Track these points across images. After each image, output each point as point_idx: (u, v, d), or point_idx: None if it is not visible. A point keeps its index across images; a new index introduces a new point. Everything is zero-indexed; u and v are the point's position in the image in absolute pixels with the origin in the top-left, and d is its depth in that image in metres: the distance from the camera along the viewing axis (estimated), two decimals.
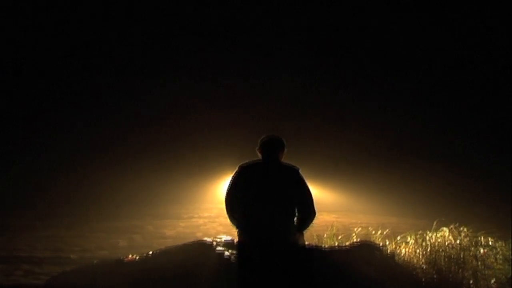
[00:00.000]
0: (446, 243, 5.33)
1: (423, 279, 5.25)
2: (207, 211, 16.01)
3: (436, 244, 5.37)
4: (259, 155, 5.29)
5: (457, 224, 5.62)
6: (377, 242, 6.15)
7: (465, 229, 5.47)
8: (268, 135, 5.31)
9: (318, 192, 19.81)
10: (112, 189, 17.47)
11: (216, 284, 4.24)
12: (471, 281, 5.20)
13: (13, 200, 15.93)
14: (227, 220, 4.87)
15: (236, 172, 5.23)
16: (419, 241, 5.52)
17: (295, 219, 5.19)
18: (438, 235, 5.49)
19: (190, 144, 19.82)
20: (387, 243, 5.94)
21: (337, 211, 16.08)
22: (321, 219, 13.19)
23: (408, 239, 5.61)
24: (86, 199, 16.56)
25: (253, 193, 5.01)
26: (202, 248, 4.94)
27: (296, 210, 5.06)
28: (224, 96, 20.61)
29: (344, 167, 19.52)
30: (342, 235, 6.84)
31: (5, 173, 17.62)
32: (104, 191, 17.35)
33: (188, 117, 20.85)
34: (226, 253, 4.78)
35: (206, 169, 18.64)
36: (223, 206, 4.83)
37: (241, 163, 5.39)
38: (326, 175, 19.17)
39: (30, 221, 13.47)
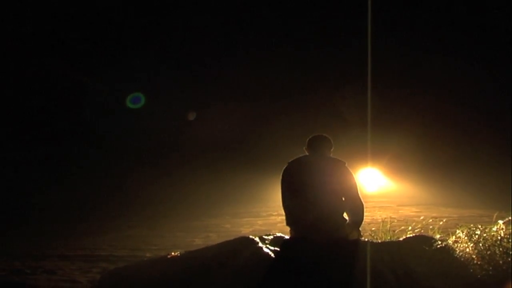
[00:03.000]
0: (499, 237, 4.98)
1: (479, 275, 4.94)
2: None
3: (489, 238, 5.04)
4: (306, 153, 5.30)
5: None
6: (436, 235, 5.88)
7: None
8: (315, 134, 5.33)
9: (402, 186, 19.29)
10: (195, 190, 17.99)
11: (247, 277, 4.29)
12: None
13: (92, 201, 16.89)
14: None
15: (284, 168, 5.27)
16: (472, 235, 5.19)
17: (345, 213, 5.13)
18: (494, 229, 5.14)
19: (271, 143, 20.00)
20: (438, 236, 5.65)
21: (420, 204, 15.51)
22: (400, 213, 12.88)
23: (459, 233, 5.30)
24: (165, 199, 17.19)
25: (298, 187, 5.02)
26: (243, 244, 4.99)
27: (342, 203, 5.01)
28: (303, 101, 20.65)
29: (431, 159, 18.97)
30: (402, 228, 6.64)
31: (82, 173, 18.66)
32: (184, 191, 17.91)
33: (269, 118, 21.10)
34: (265, 249, 4.79)
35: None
36: None
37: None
38: (412, 169, 18.71)
39: (110, 222, 14.25)
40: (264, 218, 14.36)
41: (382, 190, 18.66)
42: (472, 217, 11.56)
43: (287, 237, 5.40)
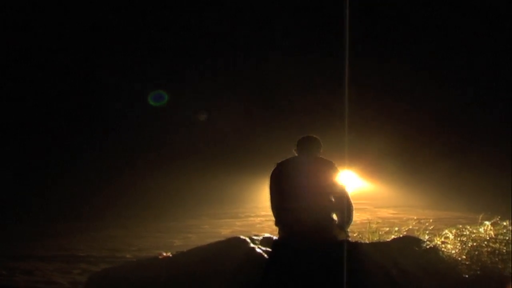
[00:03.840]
0: (488, 238, 5.10)
1: (466, 275, 5.04)
2: (264, 210, 16.01)
3: (477, 238, 5.15)
4: (296, 154, 5.29)
5: (499, 218, 5.37)
6: (422, 236, 5.97)
7: (507, 223, 5.21)
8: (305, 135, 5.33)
9: (377, 188, 19.49)
10: (171, 190, 17.88)
11: (242, 278, 4.28)
12: None
13: (73, 201, 16.64)
14: None
15: (273, 169, 5.25)
16: (461, 236, 5.31)
17: (334, 213, 5.14)
18: (481, 230, 5.26)
19: (248, 144, 20.02)
20: (427, 237, 5.75)
21: (396, 206, 15.76)
22: (378, 214, 13.01)
23: (448, 234, 5.40)
24: (144, 200, 17.04)
25: (287, 187, 5.01)
26: (235, 245, 4.98)
27: (332, 203, 5.01)
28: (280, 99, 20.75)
29: (405, 162, 19.23)
30: (387, 229, 6.69)
31: (65, 174, 18.39)
32: (163, 192, 17.79)
33: (246, 118, 21.11)
34: (258, 250, 4.79)
35: (264, 168, 18.75)
36: None
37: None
38: (386, 170, 18.91)
39: (90, 222, 14.06)
40: (242, 220, 14.37)
41: (358, 192, 18.80)
42: (449, 219, 11.78)
43: (275, 237, 5.39)
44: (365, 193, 18.81)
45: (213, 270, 4.46)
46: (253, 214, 15.23)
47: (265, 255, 4.73)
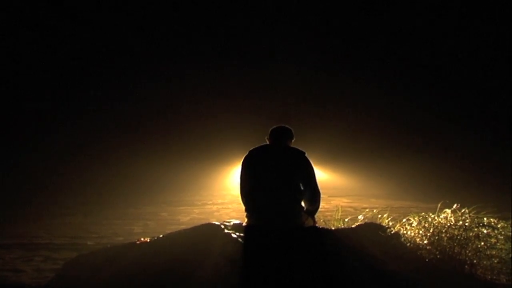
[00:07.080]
0: (448, 224, 5.47)
1: (427, 259, 5.40)
2: (220, 197, 16.26)
3: (439, 225, 5.51)
4: (268, 143, 5.47)
5: (459, 205, 5.74)
6: (383, 223, 6.28)
7: (466, 210, 5.60)
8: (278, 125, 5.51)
9: (331, 177, 19.94)
10: (128, 178, 17.76)
11: (223, 263, 4.42)
12: (474, 261, 5.34)
13: (32, 188, 16.28)
14: (240, 206, 5.04)
15: (245, 156, 5.41)
16: (422, 222, 5.66)
17: (303, 201, 5.34)
18: (441, 217, 5.62)
19: (203, 131, 20.10)
20: (390, 224, 6.08)
21: (349, 195, 16.22)
22: (333, 203, 13.37)
23: (412, 221, 5.75)
24: (101, 188, 16.87)
25: (258, 175, 5.18)
26: (211, 230, 5.13)
27: (301, 192, 5.20)
28: (237, 85, 20.88)
29: (357, 152, 19.71)
30: (350, 217, 6.98)
31: (22, 160, 17.97)
32: (119, 179, 17.64)
33: (202, 105, 21.16)
34: (233, 235, 4.95)
35: (219, 156, 18.94)
36: (235, 192, 5.04)
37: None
38: (339, 160, 19.34)
39: (48, 209, 13.84)
40: (200, 207, 14.49)
41: None
42: (402, 208, 12.25)
43: (244, 224, 5.53)
44: (319, 182, 19.22)
45: (202, 253, 4.57)
46: (210, 202, 15.38)
47: (240, 240, 4.89)
